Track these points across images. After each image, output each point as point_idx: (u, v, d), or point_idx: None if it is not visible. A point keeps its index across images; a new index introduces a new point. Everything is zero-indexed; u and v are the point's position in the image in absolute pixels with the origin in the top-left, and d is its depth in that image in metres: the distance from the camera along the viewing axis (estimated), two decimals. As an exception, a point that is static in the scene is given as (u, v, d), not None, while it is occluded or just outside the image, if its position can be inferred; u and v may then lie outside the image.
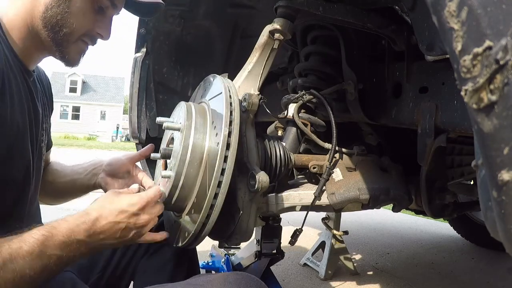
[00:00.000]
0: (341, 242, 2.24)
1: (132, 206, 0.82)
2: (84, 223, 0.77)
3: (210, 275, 0.89)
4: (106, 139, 30.53)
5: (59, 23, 0.86)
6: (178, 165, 0.86)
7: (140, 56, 1.87)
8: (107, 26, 0.94)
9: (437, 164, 1.16)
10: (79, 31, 0.89)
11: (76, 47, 0.92)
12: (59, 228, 0.75)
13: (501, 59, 0.33)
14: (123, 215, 0.81)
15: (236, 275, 0.82)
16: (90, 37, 0.94)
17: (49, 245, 0.72)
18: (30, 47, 0.90)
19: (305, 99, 1.20)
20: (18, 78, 0.86)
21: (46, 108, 1.04)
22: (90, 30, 0.92)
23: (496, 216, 0.37)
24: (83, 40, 0.93)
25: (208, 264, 2.01)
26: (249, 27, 1.81)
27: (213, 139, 0.87)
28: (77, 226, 0.77)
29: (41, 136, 0.98)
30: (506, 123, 0.34)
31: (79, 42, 0.92)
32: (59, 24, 0.86)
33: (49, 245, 0.72)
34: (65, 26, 0.86)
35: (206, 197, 0.83)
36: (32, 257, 0.69)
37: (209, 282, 0.80)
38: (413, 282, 2.20)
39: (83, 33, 0.91)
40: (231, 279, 0.80)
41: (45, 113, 1.02)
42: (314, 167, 1.14)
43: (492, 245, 2.83)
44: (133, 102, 1.91)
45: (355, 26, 1.13)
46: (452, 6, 0.36)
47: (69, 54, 0.91)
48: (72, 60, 0.93)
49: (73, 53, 0.92)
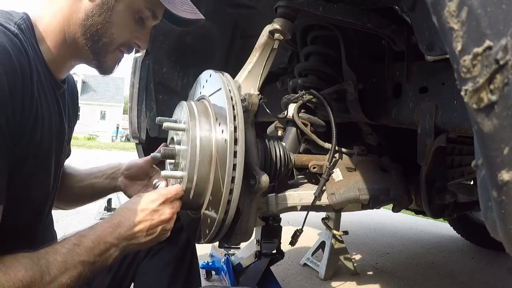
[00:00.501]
0: (341, 242, 2.24)
1: (152, 203, 0.85)
2: (109, 227, 0.80)
3: None
4: (106, 139, 30.55)
5: (99, 32, 0.83)
6: (190, 165, 0.87)
7: (140, 56, 1.87)
8: (145, 37, 0.92)
9: (437, 164, 1.16)
10: (118, 41, 0.87)
11: (113, 56, 0.90)
12: (88, 236, 0.77)
13: (501, 59, 0.33)
14: (144, 213, 0.83)
15: None
16: (127, 46, 0.92)
17: (80, 253, 0.74)
18: (64, 55, 0.87)
19: (305, 99, 1.20)
20: (48, 94, 0.83)
21: (72, 119, 1.03)
22: (129, 40, 0.90)
23: (496, 216, 0.37)
24: (121, 50, 0.91)
25: (208, 264, 2.01)
26: (249, 27, 1.81)
27: (220, 135, 0.87)
28: (103, 231, 0.79)
29: (63, 149, 0.97)
30: (506, 123, 0.34)
31: (116, 51, 0.90)
32: (99, 33, 0.83)
33: (81, 253, 0.74)
34: (105, 36, 0.84)
35: (221, 193, 0.84)
36: (66, 266, 0.72)
37: None
38: (413, 282, 2.20)
39: (122, 43, 0.89)
40: None
41: (70, 124, 1.01)
42: (314, 167, 1.14)
43: (492, 245, 2.83)
44: (133, 102, 1.91)
45: (355, 26, 1.13)
46: (452, 6, 0.36)
47: (106, 63, 0.90)
48: (108, 69, 0.92)
49: (110, 62, 0.90)
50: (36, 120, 0.76)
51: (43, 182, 0.86)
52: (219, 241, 0.97)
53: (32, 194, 0.83)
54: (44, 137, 0.80)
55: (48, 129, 0.82)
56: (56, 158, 0.91)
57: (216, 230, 0.89)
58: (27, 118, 0.73)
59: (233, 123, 0.84)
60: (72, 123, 1.06)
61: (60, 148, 0.94)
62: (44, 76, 0.83)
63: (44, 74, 0.83)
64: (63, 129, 0.93)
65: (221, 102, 0.89)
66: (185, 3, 0.93)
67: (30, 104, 0.74)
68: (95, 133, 32.08)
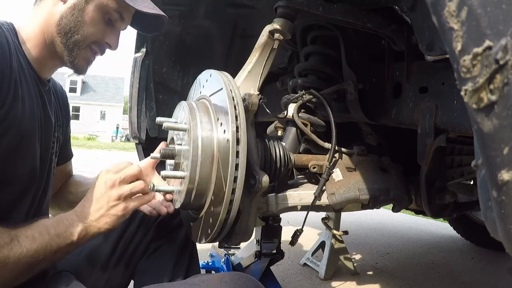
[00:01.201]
0: (341, 242, 2.24)
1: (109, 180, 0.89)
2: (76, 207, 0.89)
3: (207, 275, 0.91)
4: (106, 139, 30.54)
5: (71, 30, 0.94)
6: (191, 166, 0.87)
7: (140, 56, 1.87)
8: (115, 37, 1.02)
9: (437, 164, 1.16)
10: (89, 38, 0.97)
11: (84, 54, 0.98)
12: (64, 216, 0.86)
13: (501, 59, 0.33)
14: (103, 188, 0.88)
15: (232, 274, 0.85)
16: (99, 45, 1.00)
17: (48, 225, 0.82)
18: (45, 55, 0.97)
19: (305, 99, 1.20)
20: (31, 85, 0.92)
21: (59, 119, 1.10)
22: (100, 39, 0.99)
23: (496, 216, 0.37)
24: (92, 49, 1.00)
25: (208, 264, 2.00)
26: (249, 27, 1.81)
27: (221, 135, 0.88)
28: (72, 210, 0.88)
29: (52, 143, 1.02)
30: (506, 123, 0.34)
31: (88, 49, 0.99)
32: (71, 30, 0.94)
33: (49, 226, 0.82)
34: (77, 33, 0.94)
35: (223, 193, 0.85)
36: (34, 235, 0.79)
37: (204, 282, 0.83)
38: (413, 282, 2.20)
39: (93, 41, 0.98)
40: (227, 278, 0.83)
41: (58, 123, 1.08)
42: (314, 167, 1.14)
43: (492, 245, 2.83)
44: (133, 102, 1.91)
45: (355, 26, 1.13)
46: (452, 6, 0.36)
47: (78, 60, 0.98)
48: (80, 67, 1.00)
49: (81, 59, 0.98)
50: (15, 95, 0.84)
51: (24, 163, 0.90)
52: (219, 241, 0.97)
53: (13, 171, 0.88)
54: (25, 116, 0.87)
55: (30, 112, 0.89)
56: (43, 149, 0.97)
57: (218, 230, 0.90)
58: (6, 87, 0.82)
59: (235, 123, 0.84)
60: (61, 122, 1.12)
61: (47, 140, 0.99)
62: (28, 70, 0.92)
63: (28, 69, 0.92)
64: (50, 122, 1.00)
65: (222, 102, 0.89)
66: (146, 1, 1.03)
67: (9, 76, 0.83)
68: (95, 133, 32.06)
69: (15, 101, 0.84)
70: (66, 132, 1.19)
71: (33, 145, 0.92)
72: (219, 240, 0.97)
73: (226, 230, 0.90)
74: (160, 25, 1.11)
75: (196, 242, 1.00)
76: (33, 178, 0.93)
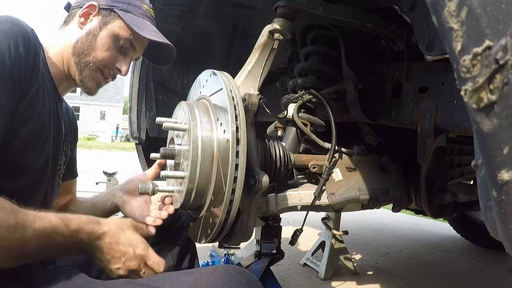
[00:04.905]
0: (341, 242, 2.24)
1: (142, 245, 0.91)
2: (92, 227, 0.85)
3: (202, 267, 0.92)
4: (106, 139, 30.55)
5: (84, 52, 1.03)
6: (191, 166, 0.87)
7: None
8: (126, 64, 1.09)
9: (437, 164, 1.16)
10: (99, 62, 1.04)
11: (94, 76, 1.05)
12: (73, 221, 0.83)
13: (501, 59, 0.33)
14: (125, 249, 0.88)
15: (226, 266, 0.86)
16: (109, 70, 1.08)
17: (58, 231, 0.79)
18: (62, 74, 1.04)
19: (305, 99, 1.20)
20: (50, 94, 0.96)
21: (69, 135, 1.14)
22: (110, 64, 1.07)
23: (496, 216, 0.37)
24: (103, 72, 1.07)
25: (208, 264, 2.01)
26: (249, 27, 1.81)
27: (221, 135, 0.88)
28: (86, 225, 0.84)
29: (61, 155, 1.05)
30: (506, 122, 0.33)
31: (98, 72, 1.06)
32: (84, 52, 1.03)
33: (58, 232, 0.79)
34: (88, 55, 1.03)
35: (223, 193, 0.85)
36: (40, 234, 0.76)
37: (198, 270, 0.85)
38: (413, 282, 2.20)
39: (103, 65, 1.06)
40: (220, 269, 0.84)
41: (68, 139, 1.12)
42: (314, 167, 1.14)
43: (492, 245, 2.83)
44: (133, 102, 1.91)
45: (354, 26, 1.13)
46: (452, 6, 0.36)
47: (87, 80, 1.05)
48: (89, 87, 1.06)
49: (90, 80, 1.05)
50: (37, 93, 0.88)
51: (41, 153, 0.92)
52: (219, 241, 0.97)
53: (29, 163, 0.89)
54: (43, 114, 0.90)
55: (48, 113, 0.93)
56: (54, 154, 0.98)
57: (218, 230, 0.90)
58: (32, 84, 0.86)
59: (235, 123, 0.84)
60: (71, 140, 1.16)
61: (58, 148, 1.01)
62: (48, 80, 0.96)
63: (49, 79, 0.97)
64: (61, 133, 1.03)
65: (222, 102, 0.89)
66: (153, 31, 1.10)
67: (35, 76, 0.87)
68: (95, 133, 32.06)
69: (37, 98, 0.88)
70: (73, 150, 1.22)
71: (48, 141, 0.94)
72: (219, 240, 0.97)
73: (226, 230, 0.90)
74: (170, 57, 1.18)
75: (196, 242, 1.00)
76: (46, 170, 0.95)
